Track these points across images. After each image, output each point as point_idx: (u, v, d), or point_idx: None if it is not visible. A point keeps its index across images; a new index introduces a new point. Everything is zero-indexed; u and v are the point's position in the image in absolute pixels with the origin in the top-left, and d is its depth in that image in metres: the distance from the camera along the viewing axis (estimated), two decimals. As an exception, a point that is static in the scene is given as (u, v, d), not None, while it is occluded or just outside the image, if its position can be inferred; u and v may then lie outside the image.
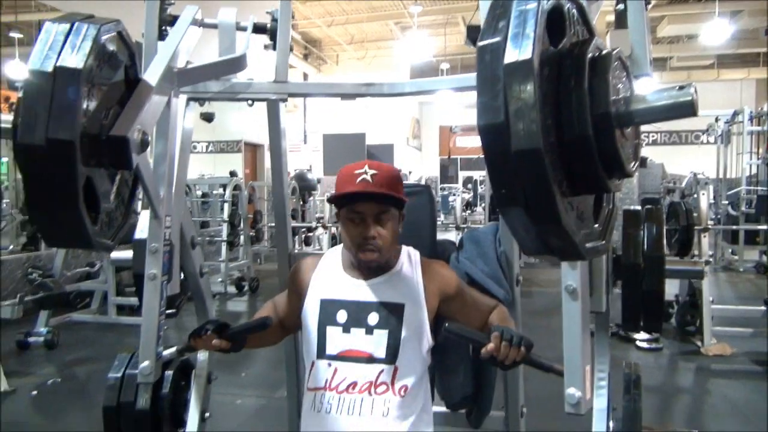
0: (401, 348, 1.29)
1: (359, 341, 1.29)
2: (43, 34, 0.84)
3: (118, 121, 0.96)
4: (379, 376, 1.27)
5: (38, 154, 0.79)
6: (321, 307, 1.35)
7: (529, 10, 0.70)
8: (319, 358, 1.31)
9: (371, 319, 1.30)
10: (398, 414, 1.26)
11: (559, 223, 0.69)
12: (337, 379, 1.27)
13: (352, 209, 1.30)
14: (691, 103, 0.73)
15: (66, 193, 0.83)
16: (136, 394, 1.48)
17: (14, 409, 3.06)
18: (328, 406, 1.26)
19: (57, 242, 0.90)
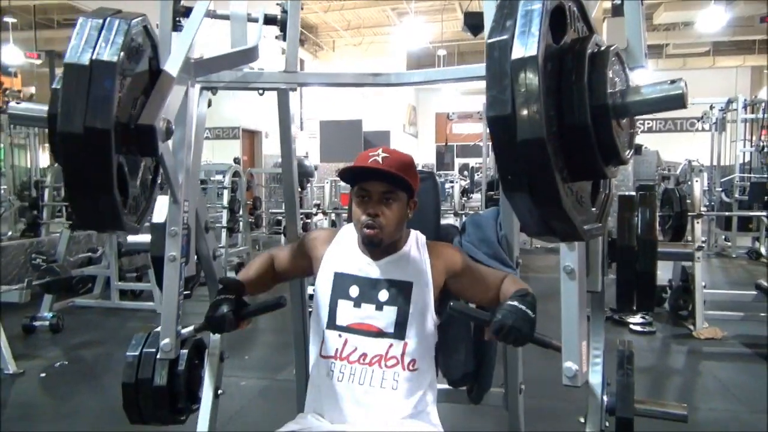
0: (409, 324, 1.36)
1: (369, 315, 1.37)
2: (78, 28, 0.90)
3: (144, 110, 1.02)
4: (388, 351, 1.34)
5: (77, 142, 0.85)
6: (334, 279, 1.42)
7: (534, 10, 0.76)
8: (328, 328, 1.39)
9: (381, 295, 1.38)
10: (407, 387, 1.33)
11: (560, 207, 0.75)
12: (348, 350, 1.35)
13: (361, 187, 1.37)
14: (681, 96, 0.79)
15: (102, 179, 0.89)
16: (153, 371, 1.56)
17: (24, 390, 3.14)
18: (340, 374, 1.34)
19: (92, 225, 0.96)
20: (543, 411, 2.50)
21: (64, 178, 0.89)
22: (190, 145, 1.36)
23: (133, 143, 0.99)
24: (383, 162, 1.35)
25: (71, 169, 0.88)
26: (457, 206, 5.96)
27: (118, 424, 2.64)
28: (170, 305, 1.32)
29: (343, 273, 1.42)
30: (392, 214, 1.36)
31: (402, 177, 1.35)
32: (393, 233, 1.39)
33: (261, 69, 1.57)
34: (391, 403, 1.33)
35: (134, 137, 0.98)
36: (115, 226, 0.96)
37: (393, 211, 1.36)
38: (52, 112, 0.96)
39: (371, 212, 1.35)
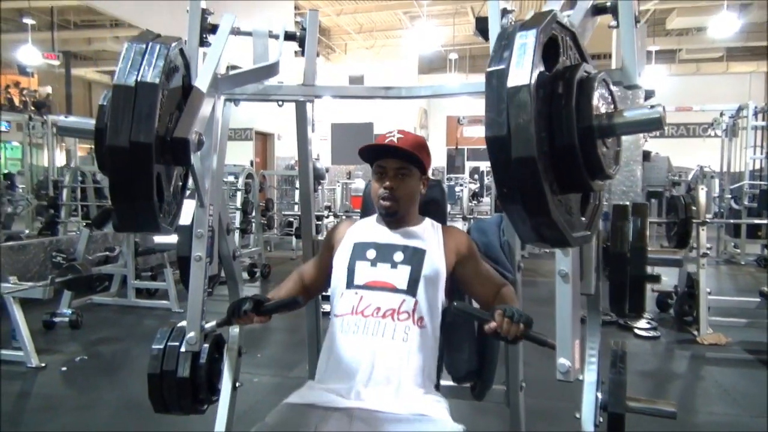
0: (420, 283, 1.46)
1: (384, 274, 1.48)
2: (124, 52, 1.01)
3: (179, 124, 1.13)
4: (401, 305, 1.44)
5: (123, 154, 0.96)
6: (354, 247, 1.55)
7: (528, 43, 0.86)
8: (347, 288, 1.50)
9: (396, 256, 1.50)
10: (416, 341, 1.43)
11: (549, 216, 0.85)
12: (363, 305, 1.45)
13: (378, 164, 1.53)
14: (659, 120, 0.89)
15: (144, 187, 1.00)
16: (177, 363, 1.67)
17: (46, 382, 3.27)
18: (355, 327, 1.44)
19: (133, 227, 1.07)
20: (544, 410, 2.59)
21: (110, 185, 1.00)
22: (216, 153, 1.47)
23: (169, 154, 1.09)
24: (398, 141, 1.51)
25: (117, 178, 0.99)
26: (466, 210, 6.04)
27: (136, 416, 2.79)
28: (195, 301, 1.42)
29: (361, 241, 1.56)
30: (406, 187, 1.52)
31: (414, 154, 1.50)
32: (407, 206, 1.55)
33: (280, 82, 1.67)
34: (400, 353, 1.41)
35: (170, 149, 1.09)
36: (152, 228, 1.07)
37: (407, 185, 1.53)
38: (99, 126, 1.07)
39: (388, 185, 1.51)
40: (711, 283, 4.54)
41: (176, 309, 4.82)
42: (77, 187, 7.10)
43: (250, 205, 6.84)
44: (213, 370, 1.75)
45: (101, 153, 1.01)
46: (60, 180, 7.37)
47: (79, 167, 7.77)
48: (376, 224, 1.61)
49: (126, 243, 5.06)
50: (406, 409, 1.36)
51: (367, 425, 1.33)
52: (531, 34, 0.86)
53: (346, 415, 1.35)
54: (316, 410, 1.37)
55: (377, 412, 1.35)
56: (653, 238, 8.32)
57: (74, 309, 4.36)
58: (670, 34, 14.68)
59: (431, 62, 18.07)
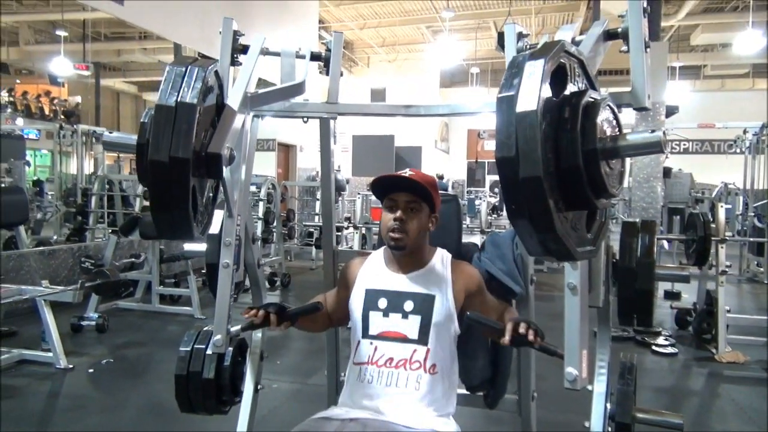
0: (431, 331, 1.53)
1: (396, 324, 1.54)
2: (165, 75, 1.10)
3: (212, 140, 1.22)
4: (413, 355, 1.51)
5: (163, 168, 1.05)
6: (366, 295, 1.61)
7: (536, 71, 0.93)
8: (363, 338, 1.57)
9: (407, 306, 1.56)
10: (428, 389, 1.50)
11: (554, 232, 0.91)
12: (377, 355, 1.53)
13: (389, 197, 1.58)
14: (659, 143, 0.95)
15: (181, 198, 1.08)
16: (202, 365, 1.75)
17: (75, 383, 3.38)
18: (370, 377, 1.52)
19: (170, 235, 1.16)
20: (557, 422, 2.63)
21: (150, 196, 1.09)
22: (244, 166, 1.56)
23: (203, 168, 1.18)
24: (409, 177, 1.57)
25: (157, 190, 1.08)
26: (484, 224, 6.08)
27: (160, 418, 2.89)
28: (223, 306, 1.50)
29: (373, 288, 1.61)
30: (416, 221, 1.57)
31: (425, 187, 1.55)
32: (416, 240, 1.58)
33: (306, 99, 1.76)
34: (413, 401, 1.49)
35: (204, 163, 1.18)
36: (187, 235, 1.16)
37: (416, 219, 1.57)
38: (141, 142, 1.16)
39: (398, 216, 1.55)
40: (731, 302, 4.52)
41: (198, 315, 4.94)
42: (104, 194, 7.30)
43: (272, 215, 6.96)
44: (236, 373, 1.84)
45: (142, 166, 1.10)
46: (88, 188, 7.57)
47: (107, 175, 7.98)
48: (385, 268, 1.65)
49: (151, 250, 5.20)
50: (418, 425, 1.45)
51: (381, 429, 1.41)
52: (539, 64, 0.93)
53: (361, 424, 1.45)
54: (334, 422, 1.47)
55: (390, 422, 1.45)
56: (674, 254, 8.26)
57: (100, 313, 4.49)
58: (695, 50, 14.58)
59: (453, 76, 18.19)
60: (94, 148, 9.48)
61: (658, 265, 1.51)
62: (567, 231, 0.96)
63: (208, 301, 5.63)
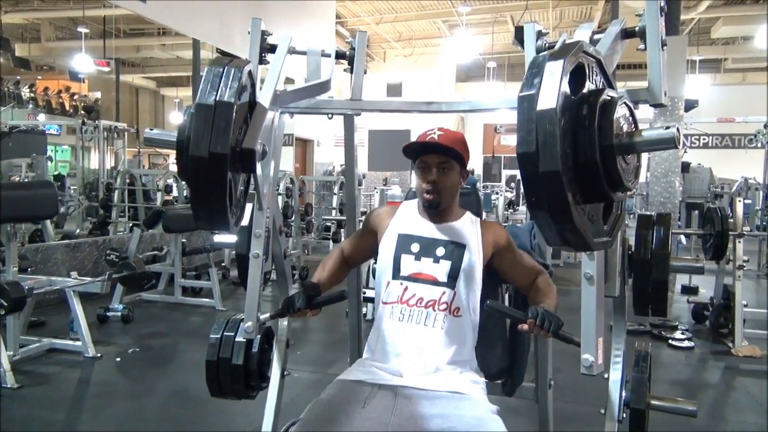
0: (459, 277, 1.61)
1: (427, 267, 1.63)
2: (205, 75, 1.17)
3: (246, 137, 1.29)
4: (441, 297, 1.60)
5: (202, 164, 1.12)
6: (398, 239, 1.69)
7: (556, 70, 0.98)
8: (393, 279, 1.65)
9: (439, 251, 1.65)
10: (453, 329, 1.59)
11: (572, 223, 0.97)
12: (408, 295, 1.61)
13: (421, 159, 1.67)
14: (672, 138, 1.00)
15: (218, 192, 1.15)
16: (231, 351, 1.83)
17: (103, 371, 3.50)
18: (400, 315, 1.60)
19: (208, 226, 1.22)
20: (574, 413, 2.67)
21: (190, 191, 1.16)
22: (272, 161, 1.63)
23: (238, 163, 1.25)
24: (438, 138, 1.65)
25: (197, 184, 1.15)
26: (500, 218, 6.11)
27: (185, 404, 2.99)
28: (253, 294, 1.57)
29: (406, 234, 1.70)
30: (448, 180, 1.66)
31: (454, 149, 1.63)
32: (449, 198, 1.68)
33: (330, 97, 1.83)
34: (438, 339, 1.57)
35: (239, 158, 1.25)
36: (223, 227, 1.22)
37: (449, 178, 1.66)
38: (181, 138, 1.24)
39: (431, 179, 1.64)
40: (749, 296, 4.52)
41: (220, 307, 5.05)
42: (126, 189, 7.45)
43: (290, 209, 7.05)
44: (263, 359, 1.92)
45: (183, 162, 1.17)
46: (110, 182, 7.72)
47: (129, 170, 8.13)
48: (419, 217, 1.74)
49: (174, 243, 5.31)
50: (444, 387, 1.52)
51: (409, 401, 1.48)
52: (558, 64, 0.98)
53: (391, 391, 1.51)
54: (365, 386, 1.54)
55: (418, 389, 1.51)
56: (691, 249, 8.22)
57: (125, 304, 4.62)
58: (716, 43, 14.40)
59: (469, 70, 18.12)
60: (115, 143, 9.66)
61: (673, 257, 1.55)
62: (584, 222, 1.01)
63: (229, 293, 5.75)
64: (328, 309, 1.69)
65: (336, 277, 1.76)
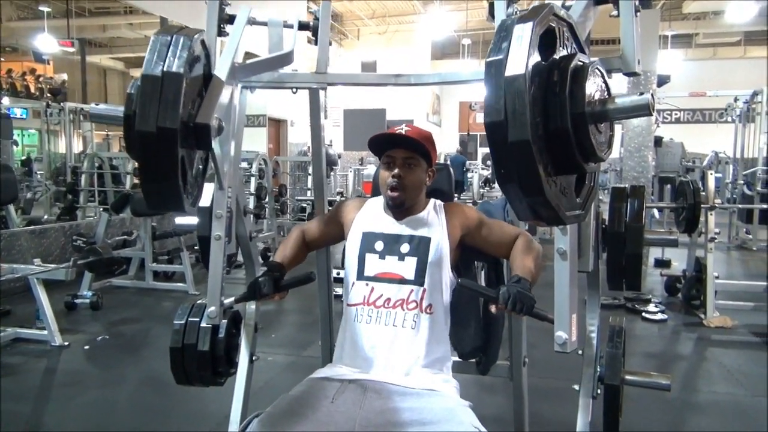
0: (427, 272, 1.54)
1: (392, 266, 1.57)
2: (151, 44, 1.09)
3: (200, 111, 1.21)
4: (409, 295, 1.53)
5: (150, 139, 1.04)
6: (362, 237, 1.63)
7: (524, 35, 0.92)
8: (358, 279, 1.59)
9: (403, 248, 1.58)
10: (425, 328, 1.52)
11: (543, 196, 0.92)
12: (374, 296, 1.54)
13: (387, 154, 1.60)
14: (647, 105, 0.95)
15: (169, 169, 1.07)
16: (197, 337, 1.77)
17: (71, 360, 3.40)
18: (367, 317, 1.53)
19: (160, 207, 1.14)
20: (548, 388, 2.67)
21: (139, 168, 1.08)
22: (233, 138, 1.55)
23: (192, 139, 1.17)
24: (406, 132, 1.58)
25: (145, 161, 1.07)
26: (476, 195, 6.10)
27: (157, 391, 2.92)
28: (215, 278, 1.50)
29: (370, 231, 1.64)
30: (413, 176, 1.59)
31: (421, 143, 1.57)
32: (414, 195, 1.61)
33: (294, 70, 1.75)
34: (411, 340, 1.50)
35: (192, 134, 1.17)
36: (177, 207, 1.15)
37: (414, 174, 1.59)
38: (128, 113, 1.15)
39: (396, 173, 1.57)
40: (720, 268, 4.59)
41: (192, 291, 4.95)
42: (94, 172, 7.25)
43: (263, 190, 6.93)
44: (231, 344, 1.85)
45: (130, 138, 1.09)
46: (78, 166, 7.50)
47: (97, 153, 7.91)
48: (383, 213, 1.67)
49: (143, 227, 5.19)
50: (415, 385, 1.46)
51: (378, 396, 1.43)
52: (528, 27, 0.92)
53: (360, 387, 1.46)
54: (334, 383, 1.49)
55: (389, 384, 1.46)
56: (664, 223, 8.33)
57: (94, 291, 4.50)
58: (687, 18, 14.49)
59: (444, 48, 18.00)
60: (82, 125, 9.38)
61: (647, 230, 1.52)
62: (556, 195, 0.96)
63: (202, 277, 5.64)
64: (302, 290, 1.64)
65: (297, 259, 1.70)
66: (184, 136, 1.13)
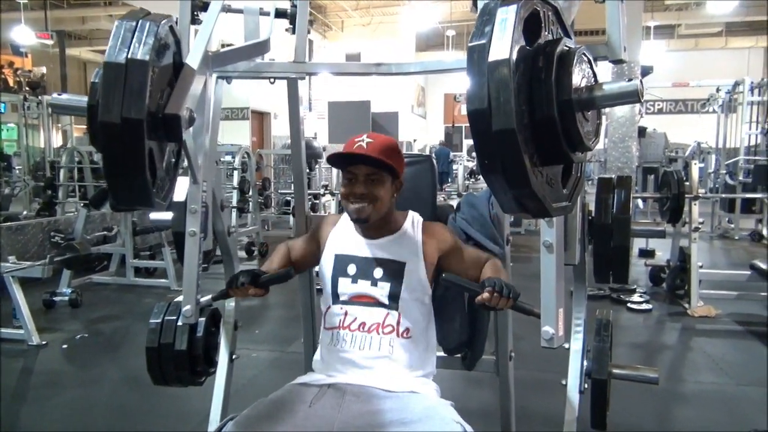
0: (401, 298, 1.49)
1: (365, 289, 1.51)
2: (114, 30, 1.03)
3: (170, 101, 1.15)
4: (385, 319, 1.48)
5: (115, 130, 0.98)
6: (335, 260, 1.57)
7: (508, 18, 0.88)
8: (333, 303, 1.54)
9: (376, 273, 1.52)
10: (402, 351, 1.47)
11: (529, 187, 0.88)
12: (349, 320, 1.49)
13: (348, 170, 1.51)
14: (635, 92, 0.91)
15: (136, 163, 1.01)
16: (174, 336, 1.71)
17: (48, 359, 3.32)
18: (343, 341, 1.48)
19: (126, 203, 1.08)
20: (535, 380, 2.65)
21: (103, 161, 1.02)
22: (208, 131, 1.49)
23: (161, 130, 1.11)
24: (367, 147, 1.48)
25: (109, 154, 1.00)
26: (461, 187, 6.07)
27: (137, 390, 2.85)
28: (191, 275, 1.45)
29: (342, 254, 1.57)
30: (377, 193, 1.49)
31: (383, 161, 1.47)
32: (378, 211, 1.51)
33: (272, 59, 1.69)
34: (387, 366, 1.46)
35: (162, 125, 1.11)
36: (145, 203, 1.09)
37: (378, 191, 1.49)
38: (92, 103, 1.09)
39: (357, 192, 1.48)
40: (704, 258, 4.60)
41: (175, 287, 4.88)
42: (74, 167, 7.11)
43: (247, 184, 6.84)
44: (210, 343, 1.80)
45: (94, 129, 1.03)
46: (57, 161, 7.36)
47: (76, 147, 7.76)
48: (355, 233, 1.59)
49: (124, 222, 5.09)
50: (396, 388, 1.42)
51: (358, 399, 1.38)
52: (512, 10, 0.88)
53: (339, 390, 1.42)
54: (313, 387, 1.44)
55: (369, 387, 1.41)
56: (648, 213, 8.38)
57: (74, 288, 4.41)
58: (669, 9, 14.56)
59: (428, 39, 17.92)
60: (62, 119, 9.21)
61: (633, 222, 1.49)
62: (542, 186, 0.92)
63: (185, 272, 5.56)
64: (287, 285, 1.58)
65: None
66: (152, 128, 1.08)
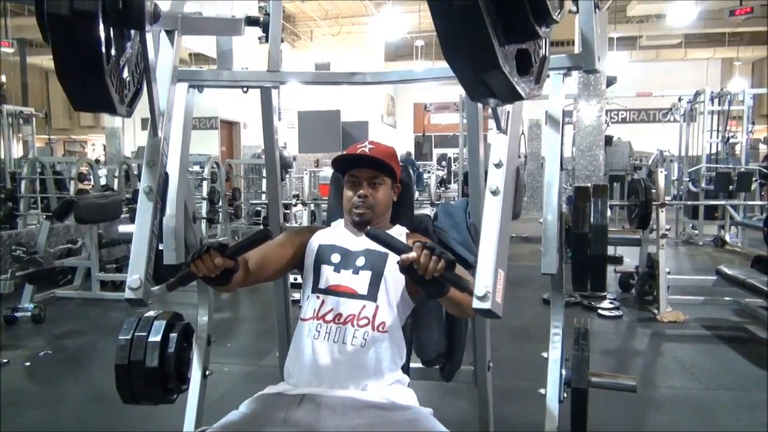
0: (381, 287, 1.47)
1: (346, 279, 1.49)
2: None
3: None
4: (361, 311, 1.44)
5: (64, 24, 0.89)
6: (318, 249, 1.56)
7: None
8: (312, 292, 1.51)
9: (359, 261, 1.51)
10: (375, 346, 1.43)
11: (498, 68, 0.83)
12: (324, 310, 1.46)
13: (351, 173, 1.57)
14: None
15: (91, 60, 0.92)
16: (144, 353, 1.65)
17: (10, 378, 3.18)
18: (317, 333, 1.44)
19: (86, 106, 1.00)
20: (512, 389, 2.65)
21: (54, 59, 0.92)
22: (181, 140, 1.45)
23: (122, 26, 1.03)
24: (370, 152, 1.55)
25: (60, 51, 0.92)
26: (434, 196, 6.09)
27: (104, 408, 2.76)
28: (141, 240, 1.25)
29: (327, 244, 1.57)
30: (379, 195, 1.56)
31: (387, 163, 1.55)
32: (380, 213, 1.58)
33: (245, 68, 1.66)
34: (357, 358, 1.41)
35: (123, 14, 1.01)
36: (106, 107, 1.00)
37: (380, 193, 1.56)
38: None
39: (361, 194, 1.54)
40: (670, 263, 4.70)
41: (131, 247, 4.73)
42: (36, 178, 6.92)
43: (216, 194, 6.76)
44: (182, 359, 1.74)
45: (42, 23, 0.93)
46: (18, 171, 7.15)
47: (38, 158, 7.56)
48: (343, 229, 1.62)
49: (89, 235, 4.95)
50: (371, 398, 1.38)
51: (334, 413, 1.33)
52: None
53: (314, 403, 1.36)
54: (286, 398, 1.39)
55: (344, 398, 1.37)
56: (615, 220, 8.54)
57: (37, 303, 4.26)
58: (631, 21, 14.93)
59: (398, 49, 18.02)
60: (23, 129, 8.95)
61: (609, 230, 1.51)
62: (510, 65, 0.87)
63: (153, 285, 5.42)
64: (258, 298, 1.54)
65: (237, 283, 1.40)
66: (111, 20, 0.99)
